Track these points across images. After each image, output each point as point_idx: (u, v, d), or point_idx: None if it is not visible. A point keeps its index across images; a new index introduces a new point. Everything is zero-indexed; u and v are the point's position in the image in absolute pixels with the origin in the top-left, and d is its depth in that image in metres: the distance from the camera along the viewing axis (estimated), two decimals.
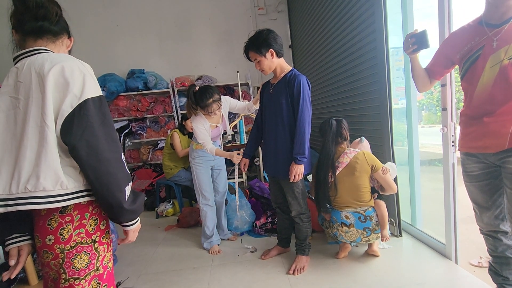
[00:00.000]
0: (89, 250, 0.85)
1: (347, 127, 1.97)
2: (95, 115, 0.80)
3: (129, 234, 0.93)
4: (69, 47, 0.96)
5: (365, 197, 1.88)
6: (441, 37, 1.66)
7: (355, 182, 1.86)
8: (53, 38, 0.90)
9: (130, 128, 4.32)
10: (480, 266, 1.81)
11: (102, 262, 0.89)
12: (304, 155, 1.72)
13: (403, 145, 2.37)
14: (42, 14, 0.86)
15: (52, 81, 0.78)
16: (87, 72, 0.83)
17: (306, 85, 1.75)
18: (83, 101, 0.78)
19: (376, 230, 1.87)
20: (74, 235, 0.82)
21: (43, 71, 0.79)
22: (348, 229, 1.87)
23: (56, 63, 0.80)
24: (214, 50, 4.56)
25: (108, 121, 0.84)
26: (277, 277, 1.86)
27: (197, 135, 2.11)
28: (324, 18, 3.02)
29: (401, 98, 2.40)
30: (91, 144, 0.77)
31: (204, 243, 2.35)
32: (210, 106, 2.06)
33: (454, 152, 1.71)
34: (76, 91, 0.79)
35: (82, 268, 0.84)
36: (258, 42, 1.74)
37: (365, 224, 1.85)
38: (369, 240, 1.91)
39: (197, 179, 2.28)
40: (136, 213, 0.89)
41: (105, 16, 4.39)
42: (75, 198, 0.81)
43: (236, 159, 2.07)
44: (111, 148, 0.82)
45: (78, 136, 0.76)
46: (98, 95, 0.83)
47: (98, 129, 0.80)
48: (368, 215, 1.85)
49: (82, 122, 0.77)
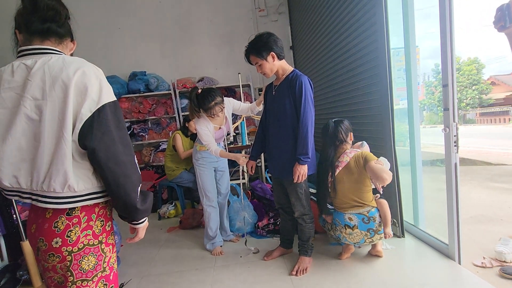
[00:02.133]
0: (96, 252, 0.86)
1: (348, 128, 1.96)
2: (112, 119, 0.82)
3: (139, 231, 0.95)
4: (72, 50, 0.97)
5: (367, 197, 1.87)
6: (442, 37, 1.66)
7: (355, 181, 1.86)
8: (59, 40, 0.90)
9: (132, 130, 4.34)
10: (483, 267, 1.80)
11: (108, 263, 0.90)
12: (308, 156, 1.72)
13: (404, 146, 2.37)
14: (51, 16, 0.86)
15: (74, 86, 0.79)
16: (102, 77, 0.85)
17: (308, 86, 1.75)
18: (101, 106, 0.80)
19: (380, 231, 1.86)
20: (81, 237, 0.83)
21: (65, 77, 0.79)
22: (352, 231, 1.86)
23: (77, 69, 0.81)
24: (215, 52, 4.58)
25: (122, 125, 0.86)
26: (279, 278, 1.86)
27: (201, 137, 2.12)
28: (325, 19, 3.02)
29: (403, 99, 2.40)
30: (110, 147, 0.80)
31: (207, 244, 2.35)
32: (213, 108, 2.07)
33: (456, 152, 1.70)
34: (94, 96, 0.80)
35: (90, 270, 0.85)
36: (259, 46, 1.75)
37: (368, 225, 1.84)
38: (373, 241, 1.89)
39: (200, 180, 2.29)
40: (147, 211, 0.92)
41: (106, 19, 4.41)
42: (84, 200, 0.82)
43: (242, 161, 2.07)
44: (126, 151, 0.84)
45: (98, 140, 0.78)
46: (113, 100, 0.84)
47: (115, 132, 0.82)
48: (372, 216, 1.84)
49: (101, 127, 0.79)
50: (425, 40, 16.45)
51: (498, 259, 1.84)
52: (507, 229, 2.40)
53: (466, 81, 20.35)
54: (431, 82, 21.81)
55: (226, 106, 2.20)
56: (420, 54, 8.23)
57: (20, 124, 0.79)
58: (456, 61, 1.69)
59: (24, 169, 0.80)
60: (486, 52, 52.37)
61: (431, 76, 22.10)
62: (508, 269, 1.70)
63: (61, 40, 0.90)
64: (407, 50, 2.18)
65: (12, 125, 0.79)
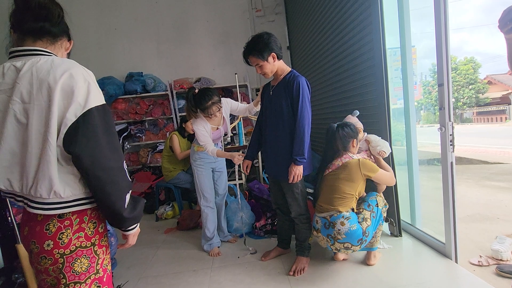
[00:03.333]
0: (89, 254, 0.85)
1: (349, 135, 1.82)
2: (99, 124, 0.79)
3: (129, 238, 0.93)
4: (68, 49, 0.95)
5: (339, 204, 1.72)
6: (437, 37, 1.66)
7: (336, 184, 1.76)
8: (53, 40, 0.88)
9: (129, 131, 4.32)
10: (480, 265, 1.81)
11: (101, 265, 0.88)
12: (304, 156, 1.72)
13: (402, 145, 2.38)
14: (44, 15, 0.84)
15: (60, 89, 0.77)
16: (91, 80, 0.82)
17: (305, 86, 1.74)
18: (87, 111, 0.78)
19: (339, 240, 1.69)
20: (73, 239, 0.82)
21: (52, 80, 0.77)
22: (317, 234, 1.80)
23: (64, 71, 0.78)
24: (212, 52, 4.57)
25: (111, 130, 0.83)
26: (277, 279, 1.86)
27: (198, 137, 2.12)
28: (322, 19, 3.03)
29: (400, 98, 2.40)
30: (95, 153, 0.77)
31: (205, 245, 2.34)
32: (210, 108, 2.06)
33: (452, 151, 1.71)
34: (81, 100, 0.78)
35: (83, 272, 0.84)
36: (260, 47, 1.73)
37: (328, 230, 1.73)
38: (337, 250, 1.75)
39: (198, 181, 2.28)
40: (136, 219, 0.89)
41: (103, 19, 4.39)
42: (72, 206, 0.81)
43: (237, 160, 2.06)
44: (114, 157, 0.82)
45: (83, 145, 0.76)
46: (101, 104, 0.82)
47: (102, 138, 0.79)
48: (333, 222, 1.70)
49: (87, 132, 0.77)
50: (422, 39, 16.55)
51: (495, 257, 1.85)
52: (504, 227, 2.41)
53: (463, 81, 20.48)
54: (428, 82, 21.91)
55: (224, 106, 2.20)
56: (417, 54, 8.08)
57: (11, 127, 0.78)
58: (452, 61, 1.70)
59: (16, 173, 0.79)
60: (483, 51, 52.60)
61: (428, 75, 22.21)
62: (504, 267, 1.71)
63: (54, 40, 0.88)
64: (403, 50, 2.19)
65: (3, 129, 0.78)
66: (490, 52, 54.83)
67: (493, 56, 45.43)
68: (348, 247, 1.70)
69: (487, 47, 52.34)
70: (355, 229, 1.68)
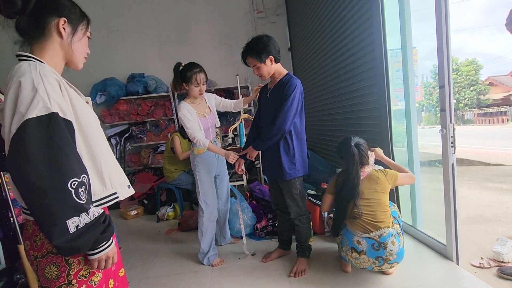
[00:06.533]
0: (59, 262, 0.79)
1: (367, 148, 1.77)
2: (37, 136, 0.69)
3: (91, 264, 0.80)
4: (60, 28, 0.84)
5: (383, 218, 1.64)
6: (438, 39, 1.67)
7: (375, 198, 1.66)
8: (31, 40, 0.82)
9: (130, 132, 4.34)
10: (481, 267, 1.81)
11: (75, 276, 0.80)
12: (262, 147, 1.83)
13: (403, 146, 2.38)
14: (14, 12, 0.77)
15: (9, 100, 0.72)
16: (41, 87, 0.72)
17: (298, 88, 1.75)
18: (23, 122, 0.68)
19: (390, 260, 1.61)
20: (46, 244, 0.79)
21: (7, 89, 0.73)
22: (358, 256, 1.66)
23: (16, 79, 0.73)
24: (213, 54, 4.59)
25: (56, 143, 0.70)
26: (278, 280, 1.86)
27: (184, 124, 2.00)
28: (323, 21, 3.04)
29: (401, 100, 2.40)
30: (23, 171, 0.67)
31: (204, 260, 2.15)
32: (195, 75, 2.01)
33: (453, 153, 1.71)
34: (22, 109, 0.69)
35: (53, 280, 0.79)
36: (258, 49, 1.74)
37: (378, 252, 1.61)
38: (381, 269, 1.70)
39: (200, 187, 2.13)
40: (78, 249, 0.73)
41: (105, 21, 4.42)
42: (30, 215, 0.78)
43: (232, 158, 1.98)
44: (52, 175, 0.69)
45: (12, 162, 0.68)
46: (47, 113, 0.71)
47: (37, 153, 0.68)
48: (383, 242, 1.60)
49: (17, 146, 0.68)
50: (423, 41, 16.51)
51: (496, 259, 1.84)
52: (505, 229, 2.40)
53: (464, 82, 20.44)
54: (429, 83, 21.88)
55: (207, 97, 2.18)
56: (418, 55, 8.11)
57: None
58: (452, 63, 1.70)
59: None
60: (484, 52, 52.53)
61: (429, 77, 22.18)
62: (506, 269, 1.71)
63: (33, 40, 0.81)
64: (404, 51, 2.19)
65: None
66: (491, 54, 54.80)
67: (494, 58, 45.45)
68: (393, 265, 1.66)
69: (488, 49, 52.32)
70: (402, 247, 1.64)
